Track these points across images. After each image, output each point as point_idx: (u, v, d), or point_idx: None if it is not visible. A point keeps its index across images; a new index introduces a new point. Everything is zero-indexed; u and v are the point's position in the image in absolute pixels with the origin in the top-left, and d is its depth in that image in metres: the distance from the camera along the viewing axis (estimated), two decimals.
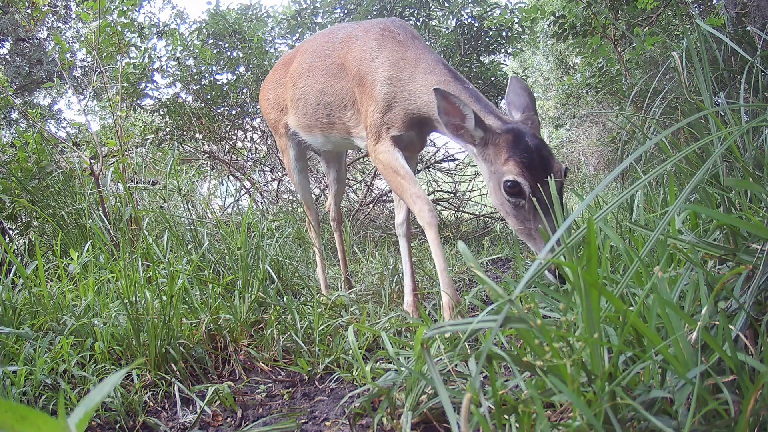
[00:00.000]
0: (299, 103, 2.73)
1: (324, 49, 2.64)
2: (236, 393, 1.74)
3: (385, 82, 2.27)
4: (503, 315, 0.88)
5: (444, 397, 0.93)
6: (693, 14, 4.77)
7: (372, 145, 2.35)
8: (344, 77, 2.48)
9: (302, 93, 2.70)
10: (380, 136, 2.31)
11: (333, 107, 2.56)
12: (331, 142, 2.72)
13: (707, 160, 1.17)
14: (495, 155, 1.96)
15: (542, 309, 1.45)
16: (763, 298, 1.10)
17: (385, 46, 2.33)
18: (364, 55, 2.36)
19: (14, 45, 12.60)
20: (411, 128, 2.30)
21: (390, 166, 2.27)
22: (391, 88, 2.26)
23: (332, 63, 2.54)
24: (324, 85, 2.58)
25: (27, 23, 4.01)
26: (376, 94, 2.28)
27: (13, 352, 1.74)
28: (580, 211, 1.04)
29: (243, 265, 2.29)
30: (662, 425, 0.84)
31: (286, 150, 2.99)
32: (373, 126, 2.31)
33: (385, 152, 2.29)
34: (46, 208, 3.19)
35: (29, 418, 0.52)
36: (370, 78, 2.32)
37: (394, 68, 2.28)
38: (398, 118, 2.27)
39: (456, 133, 2.02)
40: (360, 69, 2.37)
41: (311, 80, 2.65)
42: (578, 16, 4.79)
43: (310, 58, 2.69)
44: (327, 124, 2.62)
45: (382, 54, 2.32)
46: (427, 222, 2.13)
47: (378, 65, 2.31)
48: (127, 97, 5.73)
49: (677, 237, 1.22)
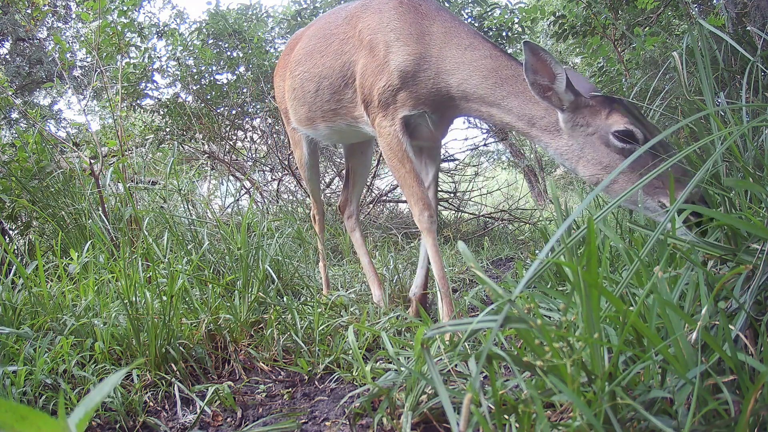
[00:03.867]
0: (296, 93, 2.53)
1: (325, 30, 2.44)
2: (236, 393, 1.73)
3: (403, 57, 2.07)
4: (503, 315, 0.88)
5: (444, 397, 0.93)
6: (693, 14, 4.77)
7: (377, 118, 2.17)
8: (348, 52, 2.26)
9: (300, 81, 2.50)
10: (386, 112, 2.13)
11: (335, 88, 2.33)
12: (337, 133, 2.51)
13: (707, 160, 1.17)
14: (592, 116, 1.82)
15: (542, 309, 1.45)
16: (763, 298, 1.10)
17: (405, 17, 2.12)
18: (381, 24, 2.15)
19: (14, 45, 12.60)
20: (430, 108, 2.13)
21: (395, 153, 2.13)
22: (410, 65, 2.07)
23: (334, 42, 2.33)
24: (323, 67, 2.36)
25: (27, 23, 4.01)
26: (390, 69, 2.08)
27: (13, 352, 1.74)
28: (580, 210, 1.04)
29: (243, 265, 2.29)
30: (662, 425, 0.84)
31: (299, 143, 2.81)
32: (381, 100, 2.12)
33: (391, 134, 2.13)
34: (46, 208, 3.18)
35: (29, 418, 0.52)
36: (383, 48, 2.11)
37: (417, 44, 2.07)
38: (414, 98, 2.10)
39: (543, 94, 1.83)
40: (373, 38, 2.15)
41: (309, 65, 2.44)
42: (578, 16, 4.79)
43: (310, 42, 2.49)
44: (330, 112, 2.41)
45: (401, 25, 2.10)
46: (425, 228, 2.09)
47: (397, 37, 2.10)
48: (127, 97, 5.73)
49: (677, 237, 1.22)
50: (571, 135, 1.87)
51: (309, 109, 2.49)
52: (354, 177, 2.97)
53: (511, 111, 1.98)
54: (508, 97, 1.97)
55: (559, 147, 1.91)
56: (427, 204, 2.12)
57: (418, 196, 2.12)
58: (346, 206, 2.98)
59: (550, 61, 1.79)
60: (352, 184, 2.97)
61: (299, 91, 2.52)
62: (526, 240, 5.17)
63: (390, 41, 2.11)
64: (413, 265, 3.44)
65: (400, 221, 5.74)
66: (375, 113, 2.18)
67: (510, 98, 1.97)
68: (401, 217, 6.09)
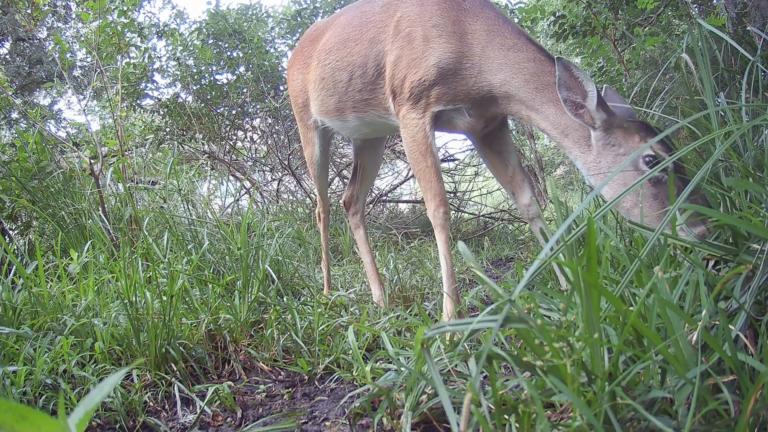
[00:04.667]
0: (326, 83, 2.46)
1: (360, 18, 2.38)
2: (236, 393, 1.73)
3: (443, 54, 2.04)
4: (503, 315, 0.88)
5: (444, 397, 0.93)
6: (693, 14, 4.77)
7: (403, 110, 2.14)
8: (383, 41, 2.22)
9: (330, 71, 2.43)
10: (417, 105, 2.10)
11: (369, 77, 2.28)
12: (367, 125, 2.45)
13: (707, 160, 1.17)
14: (625, 137, 1.82)
15: (542, 309, 1.45)
16: (763, 298, 1.10)
17: (449, 13, 2.08)
18: (421, 17, 2.10)
19: (14, 45, 12.60)
20: (468, 104, 2.10)
21: (419, 146, 2.11)
22: (450, 63, 2.04)
23: (371, 30, 2.28)
24: (358, 56, 2.31)
25: (27, 23, 4.01)
26: (428, 64, 2.05)
27: (13, 352, 1.74)
28: (580, 210, 1.04)
29: (243, 265, 2.29)
30: (662, 425, 0.84)
31: (310, 141, 2.76)
32: (413, 93, 2.09)
33: (418, 126, 2.10)
34: (46, 208, 3.19)
35: (29, 418, 0.52)
36: (422, 41, 2.07)
37: (459, 41, 2.04)
38: (452, 94, 2.06)
39: (575, 112, 1.84)
40: (412, 30, 2.11)
41: (342, 53, 2.38)
42: (578, 16, 4.79)
43: (344, 31, 2.42)
44: (361, 102, 2.35)
45: (444, 21, 2.07)
46: (440, 224, 2.10)
47: (439, 33, 2.06)
48: (127, 97, 5.74)
49: (677, 237, 1.22)
50: (600, 152, 1.87)
51: (339, 99, 2.43)
52: (363, 173, 2.93)
53: (548, 118, 1.98)
54: (546, 104, 1.96)
55: (587, 162, 1.91)
56: (443, 200, 2.11)
57: (435, 191, 2.11)
58: (352, 203, 2.94)
59: (582, 78, 1.80)
60: (360, 181, 2.93)
61: (329, 81, 2.46)
62: (526, 240, 5.17)
63: (430, 36, 2.08)
64: (413, 265, 3.44)
65: (400, 221, 5.74)
66: (402, 104, 2.16)
67: (548, 105, 1.96)
68: (401, 217, 6.10)
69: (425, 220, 5.77)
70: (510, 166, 2.34)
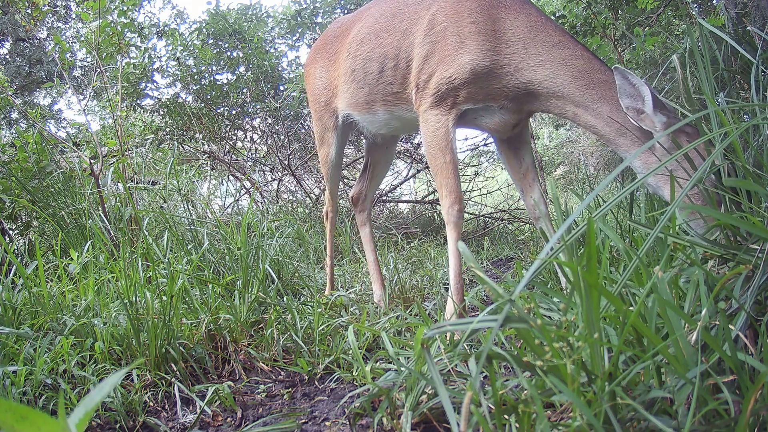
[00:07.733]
0: (356, 75, 2.41)
1: (394, 9, 2.33)
2: (236, 393, 1.73)
3: (479, 55, 2.01)
4: (503, 315, 0.88)
5: (444, 397, 0.93)
6: (693, 14, 4.77)
7: (425, 104, 2.11)
8: (414, 32, 2.17)
9: (361, 62, 2.38)
10: (442, 102, 2.07)
11: (400, 70, 2.24)
12: (396, 119, 2.41)
13: (707, 159, 1.17)
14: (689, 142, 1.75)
15: (542, 309, 1.45)
16: (763, 298, 1.10)
17: (488, 11, 2.05)
18: (459, 13, 2.05)
19: (14, 45, 12.61)
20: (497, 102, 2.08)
21: (439, 143, 2.09)
22: (486, 63, 2.00)
23: (404, 21, 2.24)
24: (390, 47, 2.26)
25: (27, 23, 4.01)
26: (462, 62, 2.02)
27: (13, 352, 1.74)
28: (580, 210, 1.04)
29: (243, 265, 2.29)
30: (662, 425, 0.84)
31: (327, 141, 2.71)
32: (439, 89, 2.06)
33: (440, 122, 2.08)
34: (46, 208, 3.19)
35: (29, 418, 0.52)
36: (456, 39, 2.03)
37: (497, 40, 2.01)
38: (484, 93, 2.04)
39: (637, 117, 1.82)
40: (447, 26, 2.06)
41: (374, 44, 2.33)
42: (578, 16, 4.79)
43: (377, 21, 2.37)
44: (392, 96, 2.31)
45: (483, 19, 2.03)
46: (453, 221, 2.10)
47: (477, 31, 2.02)
48: (127, 97, 5.74)
49: (677, 236, 1.22)
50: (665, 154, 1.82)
51: (369, 91, 2.39)
52: (373, 170, 2.92)
53: (600, 116, 1.94)
54: (599, 101, 1.94)
55: (649, 162, 1.87)
56: (458, 198, 2.11)
57: (451, 188, 2.11)
58: (360, 199, 2.93)
59: (637, 83, 1.80)
60: (370, 177, 2.91)
61: (360, 72, 2.41)
62: (526, 240, 5.17)
63: (465, 34, 2.04)
64: (413, 266, 3.44)
65: (400, 221, 5.74)
66: (424, 99, 2.13)
67: (601, 103, 1.94)
68: (401, 217, 6.10)
69: (425, 220, 5.78)
70: (524, 164, 2.35)
